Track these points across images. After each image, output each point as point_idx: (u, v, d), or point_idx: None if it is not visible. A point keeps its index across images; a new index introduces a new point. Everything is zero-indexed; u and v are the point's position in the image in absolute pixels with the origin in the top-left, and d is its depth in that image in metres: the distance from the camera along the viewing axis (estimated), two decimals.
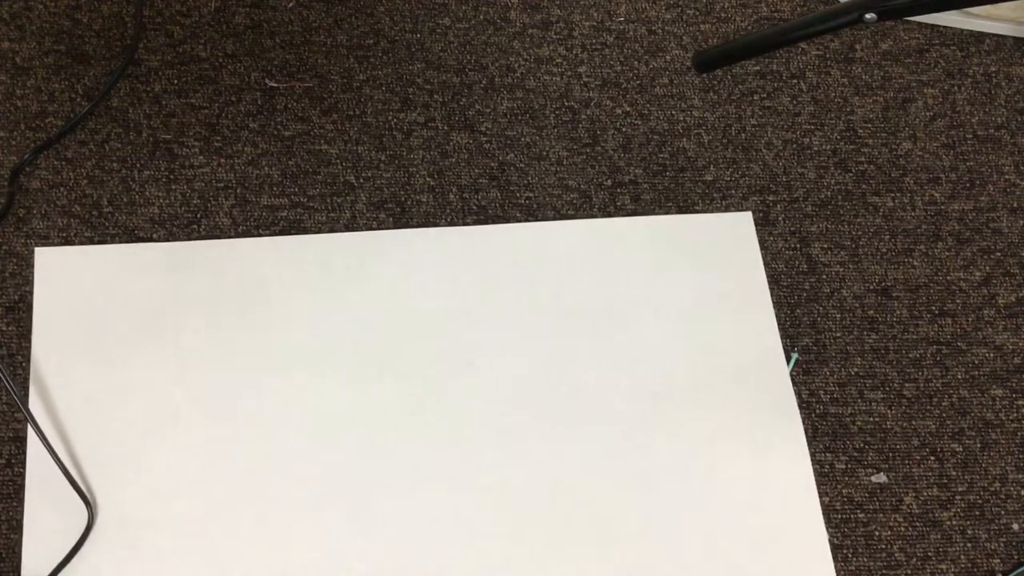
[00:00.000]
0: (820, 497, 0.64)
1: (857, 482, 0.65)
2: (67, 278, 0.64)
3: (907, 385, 0.68)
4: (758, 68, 0.75)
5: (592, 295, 0.67)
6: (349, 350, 0.64)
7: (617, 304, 0.67)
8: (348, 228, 0.68)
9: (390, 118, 0.73)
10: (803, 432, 0.65)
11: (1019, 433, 0.67)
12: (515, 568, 0.59)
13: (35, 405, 0.60)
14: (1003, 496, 0.66)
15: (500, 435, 0.62)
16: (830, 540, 0.63)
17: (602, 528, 0.61)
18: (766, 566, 0.61)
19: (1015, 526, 0.65)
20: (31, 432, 0.59)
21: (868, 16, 0.56)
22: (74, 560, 0.57)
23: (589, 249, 0.69)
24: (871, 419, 0.67)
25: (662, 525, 0.61)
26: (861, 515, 0.64)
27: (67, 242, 0.64)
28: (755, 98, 0.74)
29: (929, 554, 0.64)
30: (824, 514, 0.63)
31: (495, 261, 0.68)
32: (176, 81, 0.69)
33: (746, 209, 0.72)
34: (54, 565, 0.56)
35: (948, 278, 0.71)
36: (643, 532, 0.61)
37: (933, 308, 0.70)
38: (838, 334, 0.69)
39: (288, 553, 0.58)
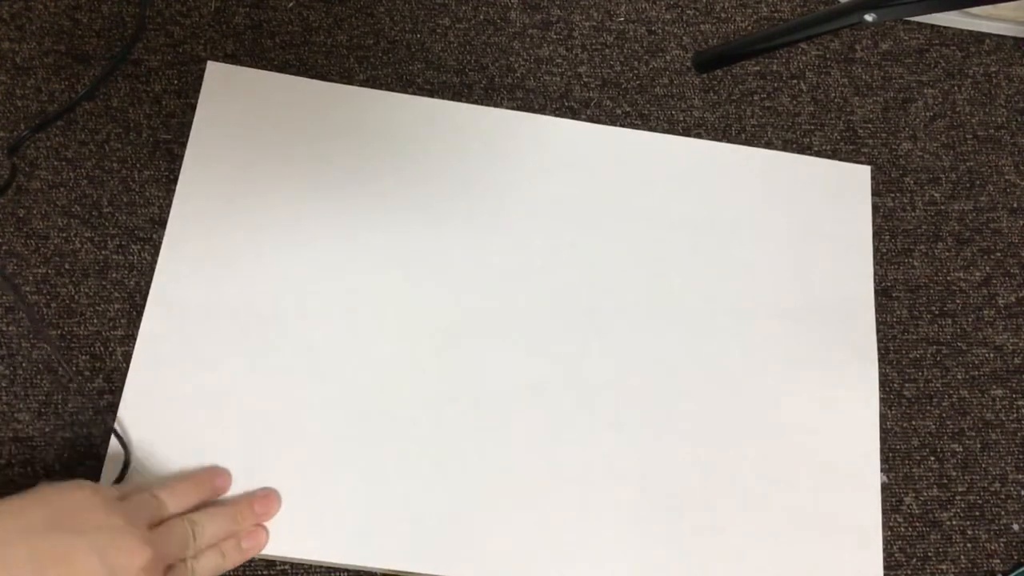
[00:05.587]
0: None
1: None
2: (230, 94, 0.68)
3: (907, 385, 0.68)
4: (758, 68, 0.75)
5: (696, 210, 0.69)
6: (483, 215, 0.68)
7: (719, 223, 0.69)
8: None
9: None
10: (877, 376, 0.67)
11: (1019, 433, 0.67)
12: (576, 435, 0.63)
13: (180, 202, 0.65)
14: (1003, 496, 0.66)
15: (584, 313, 0.66)
16: None
17: (658, 417, 0.64)
18: (816, 499, 0.63)
19: (1015, 526, 0.65)
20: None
21: (868, 16, 0.56)
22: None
23: (701, 167, 0.71)
24: None
25: (719, 431, 0.64)
26: None
27: (67, 241, 0.64)
28: (755, 98, 0.74)
29: (929, 554, 0.64)
30: None
31: (622, 162, 0.70)
32: (176, 81, 0.69)
33: None
34: None
35: (948, 278, 0.71)
36: (701, 431, 0.64)
37: (933, 308, 0.70)
38: None
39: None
